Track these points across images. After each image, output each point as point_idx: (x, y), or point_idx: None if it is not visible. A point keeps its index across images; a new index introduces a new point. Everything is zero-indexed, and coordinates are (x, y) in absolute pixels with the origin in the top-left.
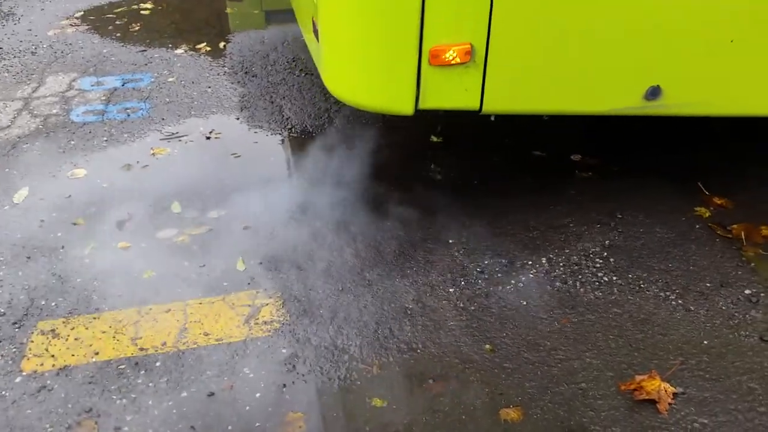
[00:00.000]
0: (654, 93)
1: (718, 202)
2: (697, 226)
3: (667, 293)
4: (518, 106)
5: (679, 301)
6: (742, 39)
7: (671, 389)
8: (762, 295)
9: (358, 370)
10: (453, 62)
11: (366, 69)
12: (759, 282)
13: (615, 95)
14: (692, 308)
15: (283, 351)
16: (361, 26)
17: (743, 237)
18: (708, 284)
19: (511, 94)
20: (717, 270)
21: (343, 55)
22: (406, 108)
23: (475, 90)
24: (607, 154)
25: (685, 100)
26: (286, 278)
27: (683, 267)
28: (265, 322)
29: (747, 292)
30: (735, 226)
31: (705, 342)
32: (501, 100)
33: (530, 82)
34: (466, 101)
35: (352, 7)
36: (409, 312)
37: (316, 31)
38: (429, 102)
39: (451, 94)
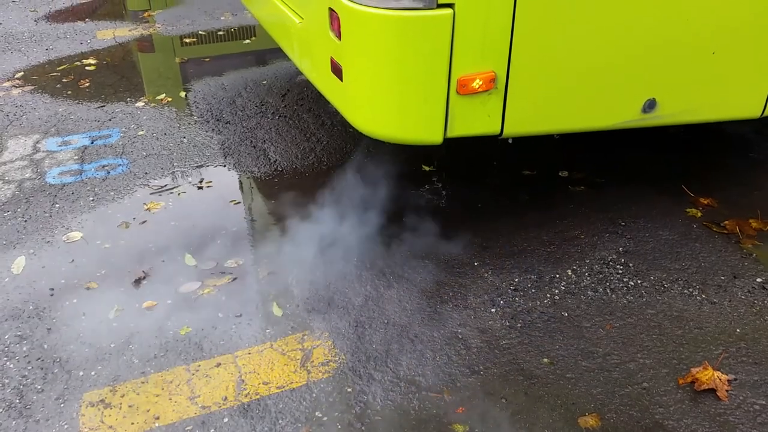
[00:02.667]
0: (651, 105)
1: (704, 201)
2: (694, 226)
3: (690, 290)
4: (535, 128)
5: (703, 296)
6: (722, 51)
7: (725, 377)
8: None
9: (429, 399)
10: (479, 90)
11: (398, 104)
12: (766, 271)
13: (618, 111)
14: (716, 301)
15: (349, 390)
16: (394, 64)
17: (738, 231)
18: (722, 277)
19: (529, 116)
20: (725, 264)
21: (374, 93)
22: (436, 138)
23: (496, 115)
24: (589, 168)
25: (677, 109)
26: (327, 318)
27: (695, 264)
28: (322, 364)
29: (759, 280)
30: (727, 222)
31: (738, 330)
32: (520, 123)
33: (546, 104)
34: (489, 126)
35: (386, 46)
36: (460, 336)
37: (338, 70)
38: (456, 130)
39: (476, 120)
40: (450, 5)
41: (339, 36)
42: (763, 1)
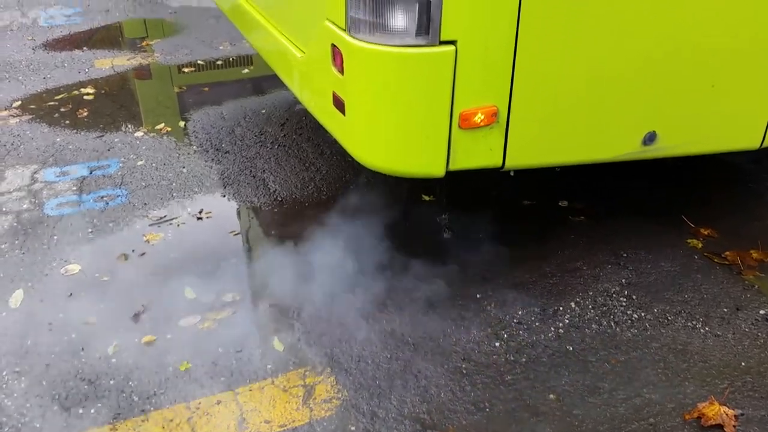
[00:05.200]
0: (651, 138)
1: (705, 232)
2: (696, 257)
3: (693, 322)
4: (537, 160)
5: (706, 328)
6: (721, 83)
7: (731, 412)
8: None
9: None
10: (481, 124)
11: (401, 138)
12: None
13: (618, 143)
14: (719, 333)
15: (353, 428)
16: (397, 99)
17: (739, 262)
18: (725, 309)
19: (530, 149)
20: (728, 295)
21: (377, 126)
22: (439, 171)
23: (498, 148)
24: (589, 198)
25: (677, 141)
26: (329, 352)
27: (698, 296)
28: (324, 401)
29: (762, 312)
30: (728, 253)
31: (743, 363)
32: (521, 156)
33: (547, 138)
34: (491, 159)
35: (389, 82)
36: (464, 371)
37: (340, 104)
38: (458, 163)
39: (478, 154)
40: (452, 42)
41: (342, 71)
42: (760, 35)
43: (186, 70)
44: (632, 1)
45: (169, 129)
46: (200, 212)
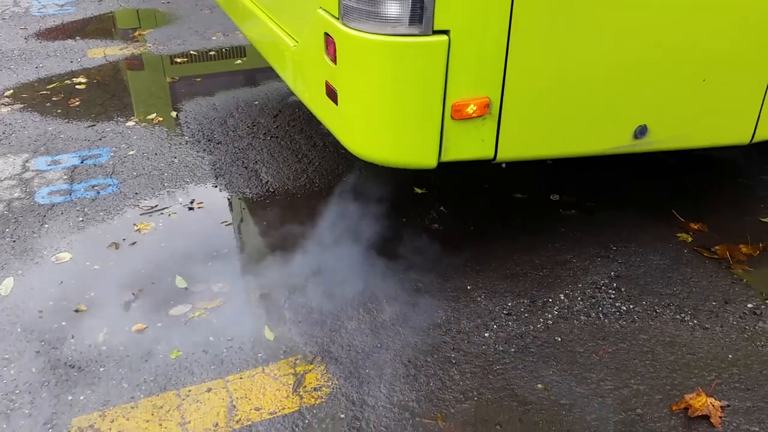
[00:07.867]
0: (642, 132)
1: (695, 227)
2: (685, 251)
3: (682, 315)
4: (528, 152)
5: (695, 321)
6: (712, 78)
7: (718, 403)
8: (763, 307)
9: (423, 426)
10: (473, 115)
11: (393, 128)
12: (756, 296)
13: (609, 136)
14: (708, 326)
15: (342, 416)
16: (389, 89)
17: (729, 256)
18: (714, 303)
19: (522, 141)
20: (717, 289)
21: (369, 117)
22: (431, 162)
23: (490, 140)
24: (580, 191)
25: (667, 135)
26: (320, 341)
27: (687, 290)
28: (314, 389)
29: (750, 306)
30: (718, 247)
31: (730, 356)
32: (513, 148)
33: (539, 130)
34: (483, 151)
35: (382, 72)
36: (453, 361)
37: (333, 94)
38: (450, 154)
39: (470, 145)
40: (446, 32)
41: (335, 60)
42: (750, 30)
43: (178, 60)
44: None
45: (160, 119)
46: (192, 202)
